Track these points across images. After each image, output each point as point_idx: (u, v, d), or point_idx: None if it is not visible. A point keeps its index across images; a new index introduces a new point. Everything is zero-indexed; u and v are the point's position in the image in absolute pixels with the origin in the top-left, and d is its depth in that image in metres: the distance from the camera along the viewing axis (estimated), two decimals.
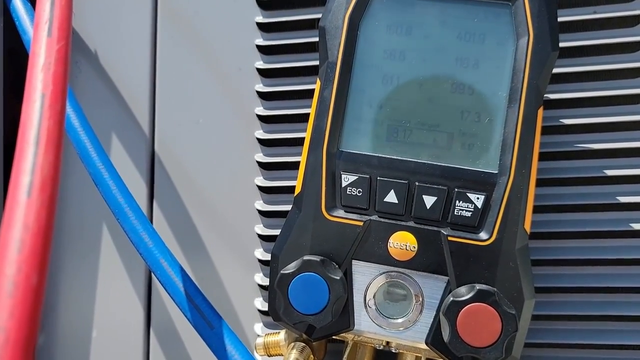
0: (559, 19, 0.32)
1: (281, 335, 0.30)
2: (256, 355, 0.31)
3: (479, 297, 0.25)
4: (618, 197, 0.31)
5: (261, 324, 0.35)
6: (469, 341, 0.25)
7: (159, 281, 0.28)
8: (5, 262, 0.15)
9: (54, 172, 0.17)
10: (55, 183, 0.17)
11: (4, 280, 0.15)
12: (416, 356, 0.29)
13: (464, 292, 0.26)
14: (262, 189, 0.35)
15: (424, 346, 0.27)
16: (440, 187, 0.27)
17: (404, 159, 0.28)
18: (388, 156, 0.28)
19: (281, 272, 0.27)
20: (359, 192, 0.28)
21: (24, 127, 0.18)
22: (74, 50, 0.39)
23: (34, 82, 0.20)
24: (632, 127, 0.32)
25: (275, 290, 0.27)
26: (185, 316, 0.28)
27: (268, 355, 0.31)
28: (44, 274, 0.16)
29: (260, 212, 0.35)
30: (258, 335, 0.32)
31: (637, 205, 0.31)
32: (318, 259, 0.27)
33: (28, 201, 0.16)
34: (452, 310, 0.25)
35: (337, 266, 0.27)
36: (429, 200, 0.27)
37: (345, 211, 0.28)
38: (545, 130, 0.32)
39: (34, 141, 0.18)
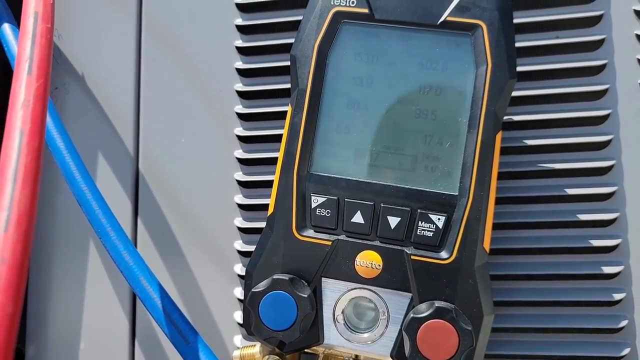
0: (524, 44, 0.34)
1: (257, 348, 0.32)
2: None
3: (438, 313, 0.27)
4: (578, 215, 0.33)
5: (240, 336, 0.36)
6: (428, 355, 0.27)
7: (139, 298, 0.30)
8: None
9: (31, 207, 0.19)
10: (31, 218, 0.19)
11: None
12: None
13: (423, 309, 0.27)
14: (241, 206, 0.37)
15: (389, 359, 0.28)
16: (404, 208, 0.29)
17: (370, 181, 0.29)
18: (355, 179, 0.29)
19: (252, 290, 0.28)
20: (328, 212, 0.29)
21: (3, 162, 0.20)
22: (62, 72, 0.41)
23: (13, 119, 0.21)
24: (591, 147, 0.33)
25: (248, 307, 0.29)
26: (163, 331, 0.29)
27: None
28: (19, 304, 0.17)
29: (239, 228, 0.37)
30: (236, 347, 0.34)
31: (595, 222, 0.32)
32: (287, 278, 0.28)
33: (5, 235, 0.18)
34: (412, 326, 0.27)
35: (306, 284, 0.29)
36: (393, 221, 0.29)
37: (315, 231, 0.29)
38: (510, 151, 0.33)
39: (12, 177, 0.19)
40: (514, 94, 0.34)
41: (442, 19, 0.29)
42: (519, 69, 0.33)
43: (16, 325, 0.17)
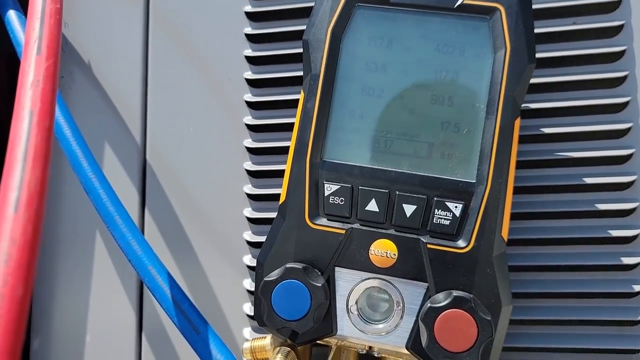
0: (541, 30, 0.33)
1: (267, 340, 0.31)
2: (245, 359, 0.32)
3: (456, 303, 0.26)
4: (596, 205, 0.32)
5: (250, 329, 0.36)
6: (446, 346, 0.26)
7: (148, 287, 0.29)
8: None
9: (41, 187, 0.18)
10: (41, 198, 0.18)
11: None
12: None
13: (441, 299, 0.27)
14: (250, 196, 0.36)
15: (404, 351, 0.28)
16: (419, 196, 0.28)
17: (385, 168, 0.28)
18: (369, 166, 0.29)
19: (264, 279, 0.28)
20: (341, 201, 0.29)
21: (13, 143, 0.19)
22: (68, 60, 0.40)
23: (22, 99, 0.20)
24: (610, 135, 0.32)
25: (260, 297, 0.28)
26: (173, 321, 0.29)
27: None
28: (29, 286, 0.16)
29: (249, 219, 0.36)
30: (246, 340, 0.33)
31: (614, 212, 0.32)
32: (300, 267, 0.28)
33: (15, 216, 0.17)
34: (429, 316, 0.26)
35: (319, 273, 0.28)
36: (409, 209, 0.28)
37: (328, 219, 0.29)
38: (526, 139, 0.33)
39: (22, 157, 0.19)
40: (531, 81, 0.33)
41: (459, 2, 0.28)
42: (536, 55, 0.33)
43: (27, 307, 0.16)
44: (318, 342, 0.29)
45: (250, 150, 0.36)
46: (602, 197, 0.32)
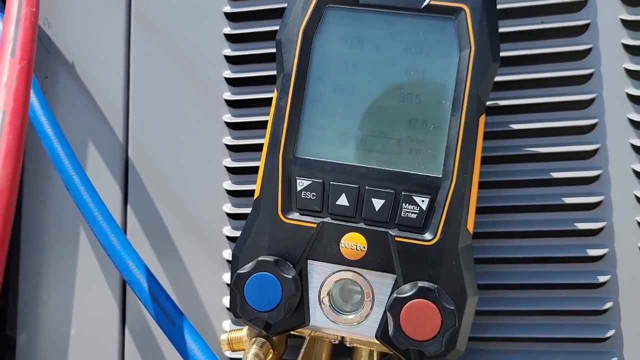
0: (510, 29, 0.34)
1: (244, 332, 0.32)
2: (223, 350, 0.33)
3: (421, 293, 0.27)
4: (563, 198, 0.33)
5: (229, 321, 0.36)
6: (411, 335, 0.27)
7: (126, 281, 0.30)
8: None
9: (11, 184, 0.19)
10: (12, 195, 0.19)
11: None
12: (370, 350, 0.31)
13: (407, 289, 0.28)
14: (230, 192, 0.37)
15: (375, 340, 0.29)
16: (388, 190, 0.29)
17: (355, 164, 0.29)
18: (340, 162, 0.29)
19: (237, 271, 0.29)
20: (313, 195, 0.29)
21: None
22: (52, 60, 0.41)
23: None
24: (577, 131, 0.33)
25: (233, 289, 0.29)
26: (150, 313, 0.30)
27: (232, 351, 0.32)
28: None
29: (228, 214, 0.37)
30: (225, 332, 0.34)
31: (580, 205, 0.33)
32: (272, 259, 0.28)
33: None
34: (395, 306, 0.27)
35: (291, 266, 0.29)
36: (378, 203, 0.29)
37: (300, 214, 0.30)
38: (495, 135, 0.34)
39: None
40: (501, 78, 0.34)
41: (425, 3, 0.29)
42: (505, 54, 0.34)
43: None
44: (292, 332, 0.30)
45: (230, 147, 0.37)
46: (569, 190, 0.33)
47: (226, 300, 0.36)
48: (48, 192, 0.40)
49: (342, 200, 0.29)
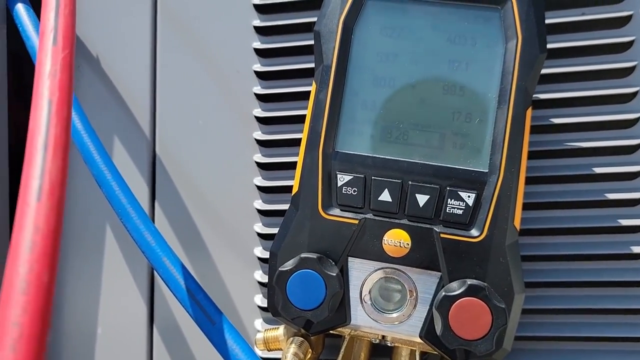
0: (550, 21, 0.33)
1: (280, 331, 0.31)
2: (256, 350, 0.32)
3: (470, 291, 0.26)
4: (606, 194, 0.32)
5: (261, 320, 0.36)
6: (460, 334, 0.26)
7: (162, 278, 0.29)
8: (18, 262, 0.16)
9: (62, 176, 0.18)
10: (63, 187, 0.18)
11: (17, 278, 0.16)
12: (411, 349, 0.30)
13: (455, 287, 0.27)
14: (260, 188, 0.36)
15: (418, 340, 0.28)
16: (432, 185, 0.28)
17: (398, 158, 0.29)
18: (382, 156, 0.29)
19: (279, 269, 0.28)
20: (354, 191, 0.29)
21: (33, 133, 0.19)
22: (76, 54, 0.40)
23: (40, 89, 0.20)
24: (619, 125, 0.33)
25: (274, 287, 0.28)
26: (187, 312, 0.29)
27: (268, 350, 0.31)
28: (54, 272, 0.16)
29: (259, 211, 0.36)
30: (258, 331, 0.33)
31: (624, 201, 0.32)
32: (315, 256, 0.28)
33: (38, 204, 0.17)
34: (444, 305, 0.26)
35: (333, 263, 0.28)
36: (422, 199, 0.28)
37: (341, 210, 0.29)
38: (536, 130, 0.33)
39: (42, 147, 0.19)
40: (541, 71, 0.33)
41: None
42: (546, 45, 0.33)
43: (52, 294, 0.16)
44: (331, 332, 0.29)
45: (260, 142, 0.36)
46: (611, 186, 0.32)
47: (258, 299, 0.36)
48: (73, 188, 0.39)
49: (385, 196, 0.28)
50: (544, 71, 0.33)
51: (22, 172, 0.18)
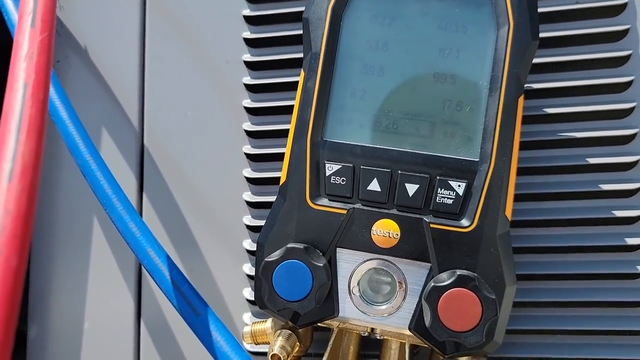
0: (543, 10, 0.33)
1: (268, 324, 0.31)
2: (244, 343, 0.32)
3: (460, 282, 0.26)
4: (600, 185, 0.32)
5: (250, 314, 0.35)
6: (449, 325, 0.26)
7: (146, 270, 0.29)
8: None
9: (35, 159, 0.18)
10: (36, 170, 0.18)
11: None
12: (400, 342, 0.29)
13: (445, 278, 0.26)
14: (250, 180, 0.36)
15: (407, 332, 0.27)
16: (422, 175, 0.27)
17: (387, 147, 0.28)
18: (371, 145, 0.28)
19: (265, 259, 0.27)
20: (343, 180, 0.28)
21: (6, 115, 0.19)
22: (64, 44, 0.39)
23: (16, 71, 0.20)
24: (613, 115, 0.32)
25: (260, 278, 0.27)
26: (172, 303, 0.28)
27: (255, 344, 0.31)
28: (24, 256, 0.16)
29: (248, 203, 0.35)
30: (246, 324, 0.32)
31: (618, 192, 0.31)
32: (302, 247, 0.27)
33: (9, 186, 0.17)
34: (433, 296, 0.26)
35: (321, 254, 0.28)
36: (411, 188, 0.27)
37: (329, 200, 0.28)
38: (528, 120, 0.32)
39: (16, 129, 0.18)
40: (533, 61, 0.32)
41: None
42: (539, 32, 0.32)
43: (21, 279, 0.16)
44: (320, 324, 0.29)
45: (250, 133, 0.36)
46: (605, 177, 0.32)
47: (247, 292, 0.35)
48: (59, 181, 0.38)
49: (374, 186, 0.28)
50: (537, 60, 0.33)
51: None
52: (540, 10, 0.33)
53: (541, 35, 0.32)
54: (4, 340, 0.14)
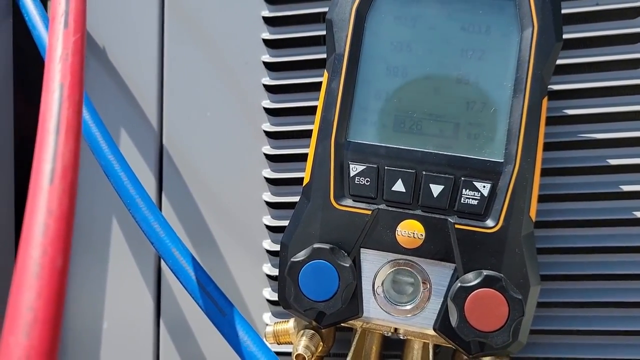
0: (563, 11, 0.33)
1: (290, 324, 0.31)
2: (266, 343, 0.32)
3: (486, 282, 0.26)
4: (621, 186, 0.32)
5: (270, 314, 0.35)
6: (476, 326, 0.26)
7: (171, 270, 0.29)
8: (30, 245, 0.16)
9: (74, 159, 0.18)
10: (75, 170, 0.18)
11: (31, 262, 0.15)
12: (424, 342, 0.30)
13: (471, 278, 0.26)
14: (269, 180, 0.36)
15: (431, 332, 0.28)
16: (447, 176, 0.28)
17: (411, 148, 0.28)
18: (395, 146, 0.28)
19: (291, 259, 0.27)
20: (367, 181, 0.28)
21: (44, 116, 0.19)
22: None
23: (52, 72, 0.20)
24: (634, 117, 0.32)
25: (286, 278, 0.28)
26: (197, 303, 0.28)
27: (278, 344, 0.31)
28: (67, 256, 0.16)
29: (267, 203, 0.36)
30: (267, 324, 0.33)
31: (638, 193, 0.31)
32: (328, 247, 0.27)
33: (50, 187, 0.17)
34: (459, 296, 0.26)
35: (346, 254, 0.28)
36: (436, 189, 0.28)
37: (354, 200, 0.28)
38: (550, 121, 0.32)
39: (54, 130, 0.18)
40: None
41: None
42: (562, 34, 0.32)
43: (65, 279, 0.16)
44: (342, 325, 0.29)
45: (269, 134, 0.36)
46: (626, 178, 0.32)
47: (266, 292, 0.35)
48: (80, 181, 0.38)
49: (399, 186, 0.28)
50: (558, 62, 0.33)
51: (34, 155, 0.18)
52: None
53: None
54: (51, 340, 0.14)
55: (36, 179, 0.17)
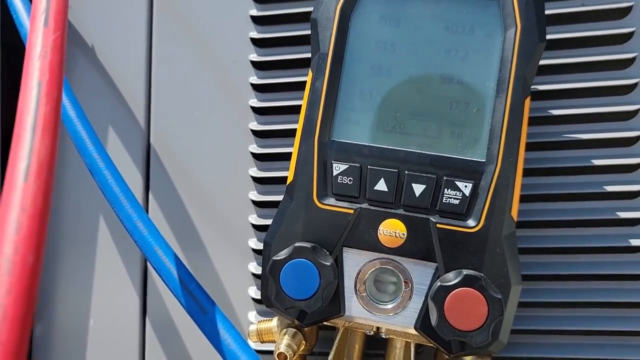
0: (549, 11, 0.33)
1: (274, 322, 0.31)
2: (249, 342, 0.32)
3: (466, 281, 0.26)
4: (606, 187, 0.32)
5: (255, 312, 0.35)
6: (456, 325, 0.26)
7: (154, 268, 0.29)
8: (3, 242, 0.16)
9: (50, 157, 0.18)
10: (51, 167, 0.18)
11: (2, 258, 0.15)
12: (406, 341, 0.30)
13: (451, 277, 0.26)
14: (256, 179, 0.36)
15: (413, 331, 0.28)
16: (429, 175, 0.28)
17: (394, 148, 0.28)
18: (378, 145, 0.28)
19: (273, 258, 0.28)
20: (350, 180, 0.28)
21: (21, 113, 0.19)
22: (71, 44, 0.39)
23: (30, 70, 0.20)
24: (619, 117, 0.32)
25: (267, 277, 0.28)
26: (179, 302, 0.28)
27: (261, 342, 0.31)
28: (40, 253, 0.16)
29: (254, 202, 0.36)
30: (251, 323, 0.33)
31: (622, 194, 0.32)
32: (309, 246, 0.27)
33: (25, 185, 0.17)
34: (439, 295, 0.26)
35: (327, 253, 0.28)
36: (418, 189, 0.28)
37: (336, 199, 0.28)
38: (534, 121, 0.33)
39: (31, 127, 0.18)
40: (539, 63, 0.33)
41: None
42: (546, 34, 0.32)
43: (37, 276, 0.16)
44: (325, 323, 0.29)
45: (256, 133, 0.36)
46: (610, 179, 0.32)
47: (252, 291, 0.35)
48: (65, 178, 0.38)
49: (381, 186, 0.28)
50: (543, 62, 0.33)
51: (10, 152, 0.18)
52: (546, 12, 0.33)
53: (548, 37, 0.32)
54: (20, 337, 0.15)
55: (11, 176, 0.17)
